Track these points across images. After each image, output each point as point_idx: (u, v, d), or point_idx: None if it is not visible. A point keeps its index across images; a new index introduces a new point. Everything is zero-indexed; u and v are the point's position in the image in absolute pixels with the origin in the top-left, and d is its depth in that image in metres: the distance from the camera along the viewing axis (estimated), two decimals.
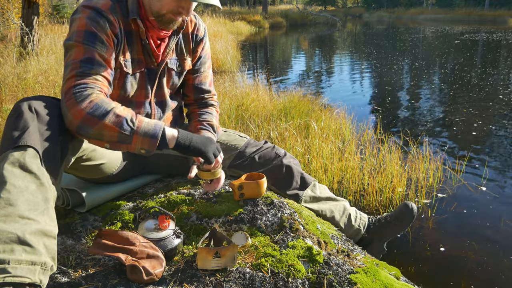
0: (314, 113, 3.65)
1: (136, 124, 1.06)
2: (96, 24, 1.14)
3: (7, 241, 0.83)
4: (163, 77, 1.39)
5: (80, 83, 1.07)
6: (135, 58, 1.28)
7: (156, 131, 1.07)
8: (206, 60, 1.51)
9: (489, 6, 31.69)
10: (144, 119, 1.09)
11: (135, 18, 1.21)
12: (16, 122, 0.98)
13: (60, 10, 14.67)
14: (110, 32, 1.16)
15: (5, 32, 8.74)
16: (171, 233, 1.12)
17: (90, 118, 1.03)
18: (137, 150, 1.08)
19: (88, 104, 1.04)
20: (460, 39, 14.28)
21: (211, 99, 1.54)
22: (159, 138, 1.07)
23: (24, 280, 0.82)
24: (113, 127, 1.04)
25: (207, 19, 15.22)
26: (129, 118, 1.06)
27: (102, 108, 1.05)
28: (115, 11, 1.18)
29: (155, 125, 1.08)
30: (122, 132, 1.05)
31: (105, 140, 1.06)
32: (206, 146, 1.17)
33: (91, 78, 1.10)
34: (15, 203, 0.88)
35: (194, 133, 1.44)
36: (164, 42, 1.33)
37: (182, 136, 1.13)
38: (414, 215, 1.63)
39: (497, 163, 3.15)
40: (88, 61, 1.11)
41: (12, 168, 0.92)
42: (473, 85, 6.22)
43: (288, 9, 30.09)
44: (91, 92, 1.07)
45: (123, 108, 1.09)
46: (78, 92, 1.05)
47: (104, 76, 1.14)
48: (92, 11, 1.14)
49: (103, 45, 1.14)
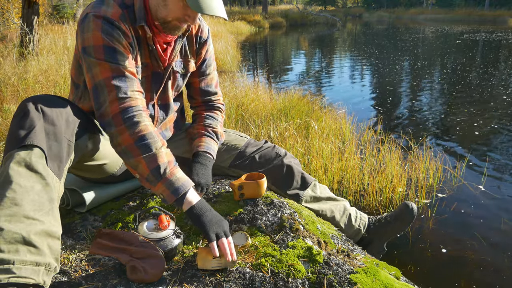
0: (314, 113, 3.65)
1: (167, 174, 1.11)
2: (112, 37, 1.13)
3: (12, 241, 0.83)
4: (169, 80, 1.39)
5: (125, 107, 1.12)
6: (143, 63, 1.28)
7: (179, 191, 1.11)
8: (211, 62, 1.51)
9: (489, 6, 31.69)
10: (178, 173, 1.13)
11: (142, 25, 1.20)
12: (22, 121, 0.98)
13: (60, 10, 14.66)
14: (125, 43, 1.16)
15: (5, 32, 8.74)
16: (171, 233, 1.12)
17: (135, 149, 1.10)
18: (158, 193, 1.13)
19: (137, 134, 1.11)
20: (460, 39, 14.28)
21: (218, 101, 1.55)
22: (178, 197, 1.11)
23: (28, 281, 0.82)
24: (147, 168, 1.10)
25: (207, 19, 15.22)
26: (163, 167, 1.11)
27: (148, 144, 1.11)
28: (125, 19, 1.17)
29: (182, 184, 1.12)
30: (151, 175, 1.10)
31: (136, 172, 1.13)
32: (211, 226, 1.11)
33: (132, 99, 1.14)
34: (20, 203, 0.88)
35: (195, 139, 1.45)
36: (170, 46, 1.33)
37: (197, 207, 1.13)
38: (414, 215, 1.63)
39: (497, 163, 3.15)
40: (120, 80, 1.13)
41: (18, 167, 0.92)
42: (473, 85, 6.22)
43: (288, 9, 30.10)
44: (140, 119, 1.13)
45: (166, 153, 1.13)
46: (127, 118, 1.11)
47: (138, 91, 1.18)
48: (103, 22, 1.12)
49: (124, 58, 1.15)
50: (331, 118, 3.61)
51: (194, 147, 1.43)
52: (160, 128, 1.45)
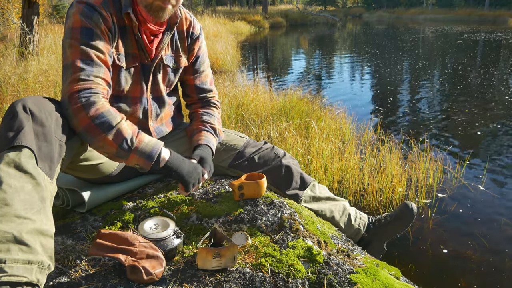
0: (314, 113, 3.65)
1: (135, 144, 1.12)
2: (90, 20, 1.16)
3: (3, 240, 0.83)
4: (159, 73, 1.40)
5: (84, 87, 1.11)
6: (130, 53, 1.30)
7: (153, 153, 1.14)
8: (205, 59, 1.53)
9: (489, 6, 31.68)
10: (145, 138, 1.14)
11: (128, 12, 1.23)
12: (11, 123, 0.98)
13: (60, 10, 14.68)
14: (104, 27, 1.19)
15: (5, 32, 8.74)
16: (171, 233, 1.12)
17: (94, 128, 1.08)
18: (133, 165, 1.16)
19: (95, 113, 1.09)
20: (461, 39, 14.28)
21: (213, 98, 1.57)
22: (154, 160, 1.14)
23: (21, 279, 0.82)
24: (113, 144, 1.10)
25: (207, 19, 15.22)
26: (129, 138, 1.11)
27: (107, 120, 1.09)
28: (108, 5, 1.21)
29: (152, 147, 1.14)
30: (120, 149, 1.11)
31: (104, 152, 1.13)
32: (190, 176, 1.24)
33: (93, 83, 1.13)
34: (11, 203, 0.87)
35: (194, 135, 1.45)
36: (158, 38, 1.35)
37: (171, 160, 1.19)
38: (414, 215, 1.63)
39: (497, 163, 3.15)
40: (87, 64, 1.14)
41: (8, 168, 0.92)
42: (474, 86, 6.22)
43: (288, 9, 30.10)
44: (96, 99, 1.11)
45: (127, 124, 1.13)
46: (83, 98, 1.09)
47: (104, 78, 1.17)
48: (84, 6, 1.17)
49: (99, 41, 1.17)
50: (331, 118, 3.61)
51: (194, 142, 1.43)
52: (156, 123, 1.46)
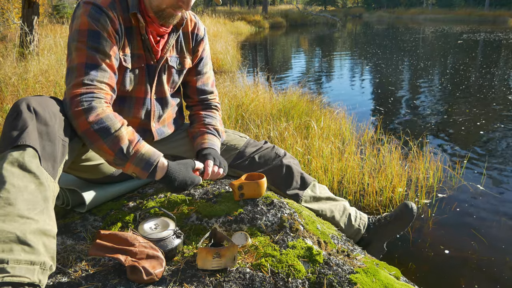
0: (314, 113, 3.65)
1: (131, 153, 1.10)
2: (97, 22, 1.15)
3: (6, 240, 0.83)
4: (163, 74, 1.39)
5: (87, 91, 1.10)
6: (135, 54, 1.29)
7: (149, 165, 1.12)
8: (208, 61, 1.53)
9: (489, 6, 31.68)
10: (143, 147, 1.12)
11: (135, 12, 1.22)
12: (15, 122, 0.98)
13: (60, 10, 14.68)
14: (111, 29, 1.18)
15: (5, 32, 8.74)
16: (171, 233, 1.12)
17: (93, 133, 1.08)
18: (130, 173, 1.14)
19: (94, 118, 1.08)
20: (461, 39, 14.28)
21: (214, 100, 1.57)
22: (149, 172, 1.13)
23: (23, 279, 0.82)
24: (109, 151, 1.09)
25: (207, 19, 15.22)
26: (125, 147, 1.09)
27: (106, 127, 1.08)
28: (115, 7, 1.20)
29: (149, 158, 1.12)
30: (117, 157, 1.10)
31: (102, 157, 1.13)
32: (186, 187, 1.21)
33: (96, 88, 1.13)
34: (14, 202, 0.87)
35: (197, 138, 1.45)
36: (164, 39, 1.34)
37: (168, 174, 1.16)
38: (414, 215, 1.63)
39: (497, 163, 3.14)
40: (92, 67, 1.13)
41: (11, 167, 0.91)
42: (474, 86, 6.22)
43: (288, 9, 30.10)
44: (98, 105, 1.10)
45: (126, 132, 1.11)
46: (85, 102, 1.09)
47: (108, 83, 1.17)
48: (92, 7, 1.16)
49: (106, 44, 1.16)
50: (331, 118, 3.61)
51: (198, 145, 1.43)
52: (158, 124, 1.45)
